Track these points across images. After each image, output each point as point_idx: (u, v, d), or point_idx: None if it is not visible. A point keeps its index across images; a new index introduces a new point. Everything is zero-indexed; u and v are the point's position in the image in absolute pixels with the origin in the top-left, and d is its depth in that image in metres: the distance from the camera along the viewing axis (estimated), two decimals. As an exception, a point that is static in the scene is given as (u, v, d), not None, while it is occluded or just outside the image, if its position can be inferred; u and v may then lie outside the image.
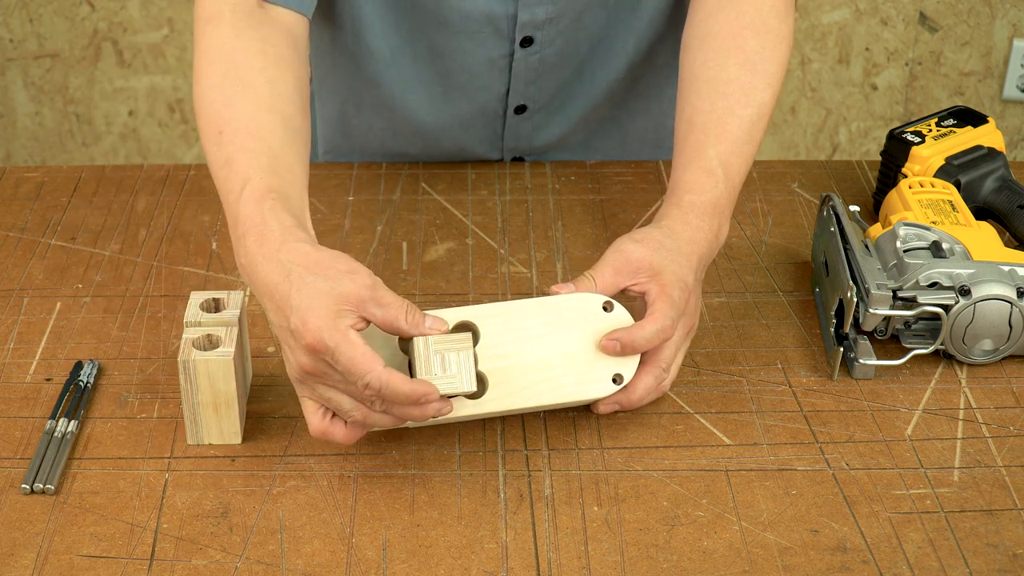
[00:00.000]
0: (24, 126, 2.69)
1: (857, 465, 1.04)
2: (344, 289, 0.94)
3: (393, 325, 0.96)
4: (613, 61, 1.37)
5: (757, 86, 1.17)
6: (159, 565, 0.94)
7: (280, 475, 1.02)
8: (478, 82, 1.35)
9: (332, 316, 0.94)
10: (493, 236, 1.31)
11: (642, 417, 1.08)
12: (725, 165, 1.13)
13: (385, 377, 0.93)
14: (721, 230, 1.12)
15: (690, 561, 0.95)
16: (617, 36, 1.35)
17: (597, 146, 1.46)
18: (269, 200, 1.00)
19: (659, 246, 1.06)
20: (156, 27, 2.58)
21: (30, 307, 1.21)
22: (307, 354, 0.95)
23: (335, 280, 0.95)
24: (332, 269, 0.95)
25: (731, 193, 1.13)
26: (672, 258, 1.05)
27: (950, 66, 2.65)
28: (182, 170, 1.41)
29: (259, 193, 1.01)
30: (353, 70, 1.36)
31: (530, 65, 1.33)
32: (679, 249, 1.07)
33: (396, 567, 0.95)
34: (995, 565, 0.95)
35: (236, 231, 1.01)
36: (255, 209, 1.00)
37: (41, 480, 1.00)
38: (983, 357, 1.13)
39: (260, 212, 0.99)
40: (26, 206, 1.35)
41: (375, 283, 0.96)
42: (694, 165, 1.13)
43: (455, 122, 1.39)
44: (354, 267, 0.96)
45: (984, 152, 1.29)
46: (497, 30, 1.30)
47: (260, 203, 1.00)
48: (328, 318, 0.93)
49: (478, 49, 1.31)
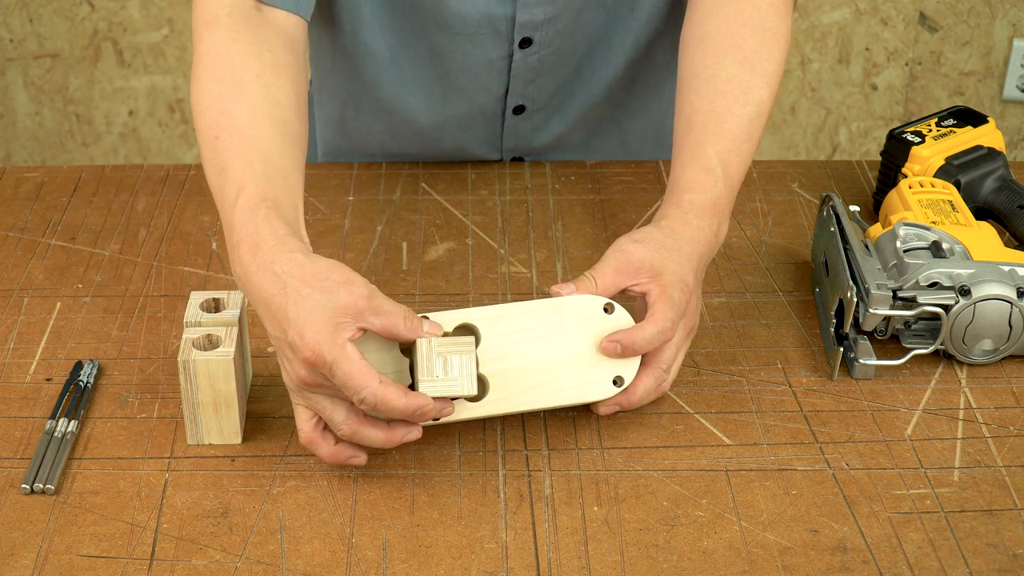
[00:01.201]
0: (24, 126, 2.69)
1: (857, 465, 1.04)
2: (341, 301, 0.94)
3: (392, 332, 0.96)
4: (611, 60, 1.37)
5: (755, 84, 1.17)
6: (159, 565, 0.94)
7: (280, 475, 1.02)
8: (477, 83, 1.35)
9: (330, 330, 0.94)
10: (493, 236, 1.31)
11: (642, 417, 1.08)
12: (724, 164, 1.13)
13: (381, 393, 0.93)
14: (721, 229, 1.12)
15: (690, 561, 0.95)
16: (615, 35, 1.35)
17: (597, 145, 1.46)
18: (263, 209, 1.00)
19: (659, 246, 1.06)
20: (156, 27, 2.58)
21: (30, 307, 1.21)
22: (305, 367, 0.95)
23: (332, 292, 0.95)
24: (328, 281, 0.95)
25: (730, 192, 1.13)
26: (673, 258, 1.05)
27: (950, 66, 2.65)
28: (182, 170, 1.41)
29: (253, 202, 1.00)
30: (352, 72, 1.36)
31: (529, 65, 1.33)
32: (679, 249, 1.07)
33: (396, 567, 0.95)
34: (995, 565, 0.95)
35: (231, 239, 1.01)
36: (249, 218, 1.00)
37: (41, 480, 1.00)
38: (983, 357, 1.13)
39: (254, 221, 0.99)
40: (26, 206, 1.35)
41: (371, 292, 0.96)
42: (693, 164, 1.13)
43: (454, 123, 1.39)
44: (350, 277, 0.96)
45: (984, 152, 1.29)
46: (496, 31, 1.30)
47: (254, 212, 1.00)
48: (326, 332, 0.93)
49: (477, 50, 1.31)
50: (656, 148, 1.47)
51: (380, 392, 0.93)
